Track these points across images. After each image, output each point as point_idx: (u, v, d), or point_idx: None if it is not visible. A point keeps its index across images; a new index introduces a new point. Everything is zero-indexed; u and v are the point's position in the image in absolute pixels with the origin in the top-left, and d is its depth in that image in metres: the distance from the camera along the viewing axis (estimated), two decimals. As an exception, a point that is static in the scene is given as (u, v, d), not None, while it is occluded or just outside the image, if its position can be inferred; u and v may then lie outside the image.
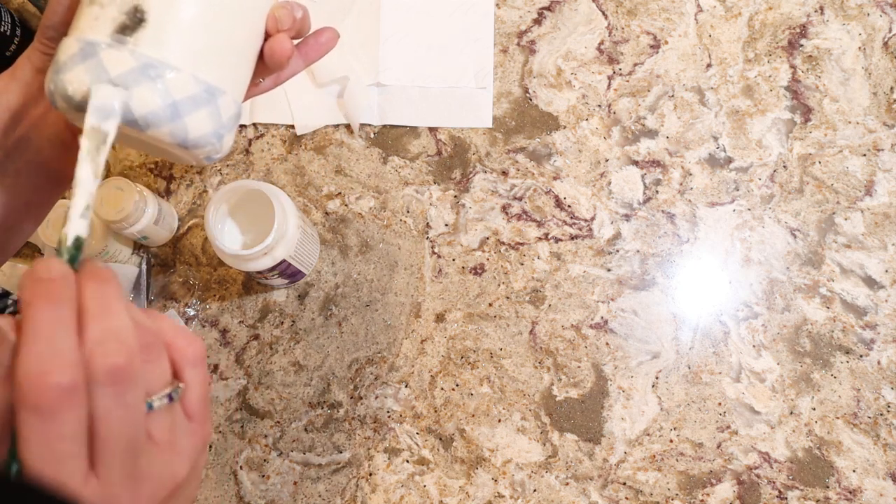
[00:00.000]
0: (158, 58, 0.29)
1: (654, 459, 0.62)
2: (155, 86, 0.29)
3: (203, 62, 0.30)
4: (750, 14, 0.71)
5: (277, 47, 0.34)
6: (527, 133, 0.70)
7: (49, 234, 0.60)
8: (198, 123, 0.31)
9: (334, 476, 0.64)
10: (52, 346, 0.23)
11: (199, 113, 0.31)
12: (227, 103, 0.32)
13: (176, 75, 0.30)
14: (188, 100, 0.30)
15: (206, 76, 0.31)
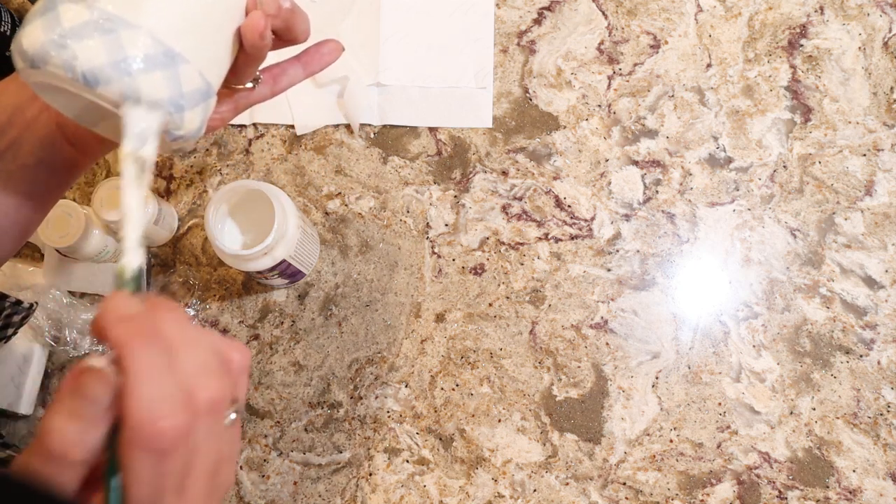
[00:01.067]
0: (116, 13, 0.28)
1: (654, 459, 0.62)
2: (107, 39, 0.27)
3: (165, 24, 0.29)
4: (750, 14, 0.71)
5: (249, 23, 0.32)
6: (527, 133, 0.70)
7: (49, 235, 0.60)
8: (152, 85, 0.28)
9: (334, 476, 0.64)
10: (159, 389, 0.24)
11: (153, 74, 0.28)
12: (190, 73, 0.30)
13: (132, 32, 0.28)
14: (142, 58, 0.28)
15: (167, 39, 0.29)
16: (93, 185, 0.72)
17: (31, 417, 0.67)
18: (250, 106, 0.41)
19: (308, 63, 0.40)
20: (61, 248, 0.61)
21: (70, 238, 0.60)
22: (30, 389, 0.66)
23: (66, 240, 0.60)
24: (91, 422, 0.24)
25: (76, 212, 0.61)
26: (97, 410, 0.24)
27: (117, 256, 0.66)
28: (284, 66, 0.41)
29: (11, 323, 0.57)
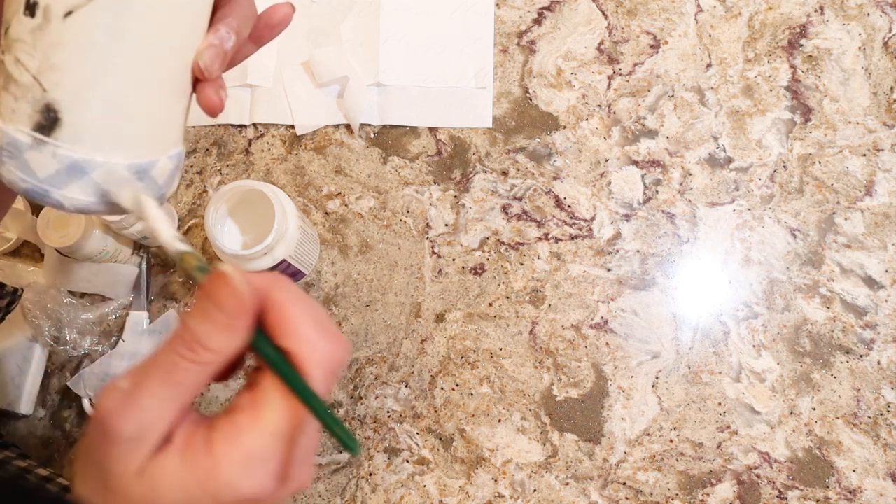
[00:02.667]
0: (80, 157, 0.29)
1: (654, 459, 0.62)
2: (82, 183, 0.29)
3: (127, 146, 0.30)
4: (750, 14, 0.71)
5: (206, 103, 0.32)
6: (527, 133, 0.70)
7: (49, 235, 0.60)
8: (133, 200, 0.30)
9: (334, 476, 0.64)
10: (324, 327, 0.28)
11: (131, 190, 0.30)
12: (162, 168, 0.32)
13: (101, 169, 0.29)
14: (118, 183, 0.30)
15: (134, 158, 0.30)
16: (93, 185, 0.72)
17: (31, 417, 0.67)
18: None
19: (259, 38, 0.39)
20: (61, 248, 0.61)
21: (70, 238, 0.60)
22: (29, 389, 0.66)
23: (66, 240, 0.60)
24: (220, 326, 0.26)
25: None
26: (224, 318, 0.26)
27: (116, 256, 0.66)
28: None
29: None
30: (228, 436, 0.26)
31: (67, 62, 0.28)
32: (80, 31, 0.27)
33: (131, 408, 0.26)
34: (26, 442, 0.66)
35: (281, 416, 0.26)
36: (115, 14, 0.28)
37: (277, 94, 0.72)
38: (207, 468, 0.26)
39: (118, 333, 0.67)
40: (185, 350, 0.26)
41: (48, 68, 0.28)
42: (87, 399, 0.66)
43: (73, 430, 0.66)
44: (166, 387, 0.26)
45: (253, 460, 0.26)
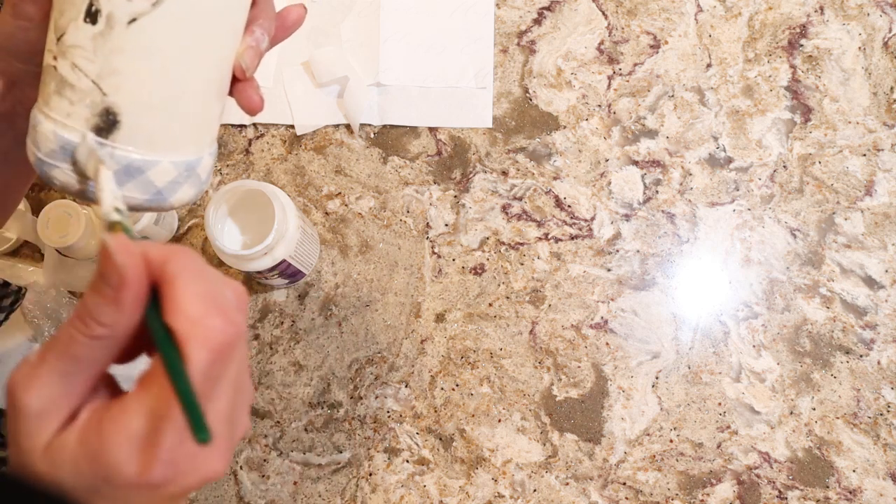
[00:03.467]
0: (138, 157, 0.30)
1: (654, 459, 0.62)
2: (138, 182, 0.31)
3: (180, 146, 0.31)
4: (750, 14, 0.71)
5: (247, 103, 0.34)
6: (527, 133, 0.70)
7: (49, 235, 0.60)
8: (182, 196, 0.33)
9: (334, 476, 0.64)
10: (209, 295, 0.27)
11: (182, 189, 0.32)
12: (206, 164, 0.33)
13: (156, 168, 0.31)
14: (171, 184, 0.32)
15: (184, 156, 0.32)
16: (93, 185, 0.72)
17: (31, 417, 0.67)
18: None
19: (273, 39, 0.39)
20: (61, 248, 0.61)
21: (70, 238, 0.60)
22: (30, 389, 0.66)
23: (66, 240, 0.60)
24: (109, 300, 0.25)
25: (76, 212, 0.61)
26: (111, 292, 0.25)
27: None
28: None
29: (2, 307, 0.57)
30: (115, 415, 0.25)
31: (129, 67, 0.29)
32: (143, 38, 0.29)
33: (34, 382, 0.25)
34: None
35: (158, 397, 0.25)
36: (176, 20, 0.29)
37: (277, 94, 0.72)
38: (96, 448, 0.25)
39: (118, 333, 0.67)
40: (79, 324, 0.25)
41: (109, 73, 0.29)
42: (87, 399, 0.66)
43: (73, 430, 0.66)
44: (64, 361, 0.25)
45: (136, 442, 0.25)
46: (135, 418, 0.25)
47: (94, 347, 0.25)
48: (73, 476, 0.25)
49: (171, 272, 0.25)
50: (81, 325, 0.25)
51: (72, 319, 0.26)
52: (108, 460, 0.24)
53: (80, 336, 0.25)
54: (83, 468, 0.25)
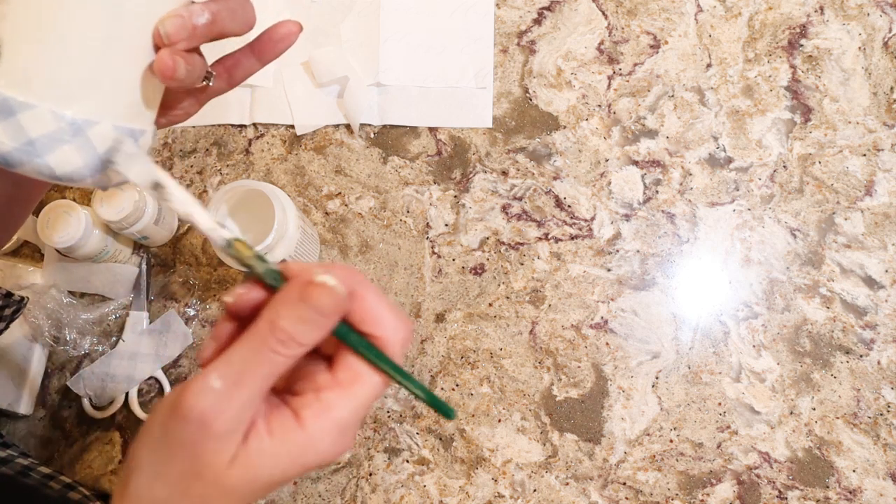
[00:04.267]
0: (10, 94, 0.28)
1: (654, 459, 0.62)
2: (7, 126, 0.28)
3: (69, 97, 0.29)
4: (750, 14, 0.71)
5: (158, 66, 0.31)
6: (527, 133, 0.70)
7: (49, 235, 0.60)
8: (64, 160, 0.29)
9: (334, 476, 0.64)
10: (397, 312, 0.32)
11: (63, 150, 0.29)
12: (104, 133, 0.30)
13: (31, 113, 0.28)
14: (48, 139, 0.28)
15: (73, 112, 0.29)
16: (93, 185, 0.72)
17: (31, 417, 0.67)
18: (212, 98, 0.40)
19: (262, 53, 0.39)
20: (61, 248, 0.61)
21: (70, 238, 0.60)
22: (30, 389, 0.66)
23: (66, 240, 0.60)
24: (315, 325, 0.29)
25: (76, 212, 0.61)
26: (321, 318, 0.29)
27: (116, 256, 0.66)
28: (237, 56, 0.39)
29: (2, 317, 0.57)
30: (318, 412, 0.29)
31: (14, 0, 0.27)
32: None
33: (229, 406, 0.28)
34: (26, 442, 0.66)
35: (372, 391, 0.30)
36: None
37: (277, 94, 0.72)
38: (302, 443, 0.29)
39: (118, 333, 0.67)
40: (282, 347, 0.29)
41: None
42: (86, 399, 0.66)
43: (72, 429, 0.66)
44: (264, 382, 0.29)
45: (343, 430, 0.30)
46: (343, 411, 0.30)
47: (289, 364, 0.29)
48: (272, 471, 0.29)
49: (361, 292, 0.31)
50: (283, 347, 0.29)
51: (267, 344, 0.29)
52: (318, 448, 0.29)
53: (283, 358, 0.29)
54: (284, 463, 0.29)
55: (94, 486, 0.65)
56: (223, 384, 0.28)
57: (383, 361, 0.30)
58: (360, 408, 0.30)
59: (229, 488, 0.29)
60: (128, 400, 0.66)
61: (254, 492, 0.30)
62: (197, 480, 0.29)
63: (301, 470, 0.30)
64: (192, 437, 0.28)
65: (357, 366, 0.30)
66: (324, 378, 0.30)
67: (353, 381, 0.30)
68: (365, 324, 0.30)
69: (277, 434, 0.29)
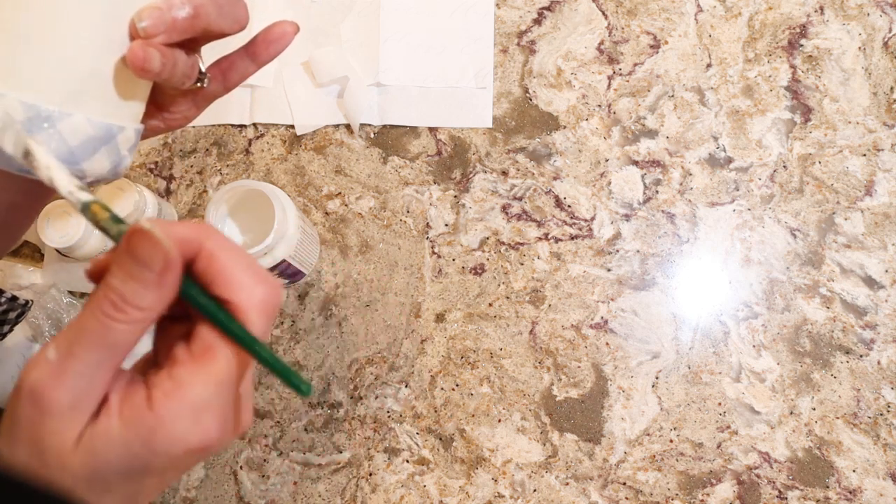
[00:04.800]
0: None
1: (654, 459, 0.62)
2: None
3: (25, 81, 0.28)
4: (750, 14, 0.71)
5: (129, 58, 0.30)
6: (527, 133, 0.70)
7: (49, 235, 0.60)
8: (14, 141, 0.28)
9: (334, 476, 0.64)
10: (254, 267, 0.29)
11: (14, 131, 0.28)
12: (75, 126, 0.29)
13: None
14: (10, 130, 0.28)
15: (37, 100, 0.28)
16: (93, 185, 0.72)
17: (31, 417, 0.67)
18: (211, 102, 0.39)
19: (256, 54, 0.38)
20: (61, 248, 0.61)
21: (70, 238, 0.60)
22: (30, 389, 0.66)
23: (66, 240, 0.60)
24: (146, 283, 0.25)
25: (76, 212, 0.61)
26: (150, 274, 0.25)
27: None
28: (233, 58, 0.38)
29: (7, 320, 0.57)
30: (169, 391, 0.26)
31: None
32: None
33: (64, 378, 0.25)
34: (26, 442, 0.66)
35: (226, 365, 0.26)
36: None
37: (277, 94, 0.72)
38: (151, 425, 0.25)
39: (118, 333, 0.67)
40: (114, 311, 0.25)
41: None
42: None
43: (73, 430, 0.66)
44: (99, 351, 0.25)
45: (199, 411, 0.26)
46: (196, 389, 0.26)
47: (132, 332, 0.26)
48: (120, 458, 0.26)
49: (210, 248, 0.27)
50: (117, 312, 0.25)
51: (101, 308, 0.25)
52: (170, 432, 0.25)
53: (118, 323, 0.25)
54: (135, 447, 0.25)
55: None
56: (57, 355, 0.25)
57: (235, 330, 0.26)
58: (217, 384, 0.26)
59: (77, 474, 0.26)
60: (128, 400, 0.66)
61: (107, 481, 0.26)
62: (42, 467, 0.26)
63: (158, 458, 0.26)
64: (29, 415, 0.25)
65: (209, 336, 0.26)
66: (180, 352, 0.27)
67: (204, 353, 0.26)
68: (216, 286, 0.26)
69: (126, 415, 0.26)
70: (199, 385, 0.26)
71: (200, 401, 0.26)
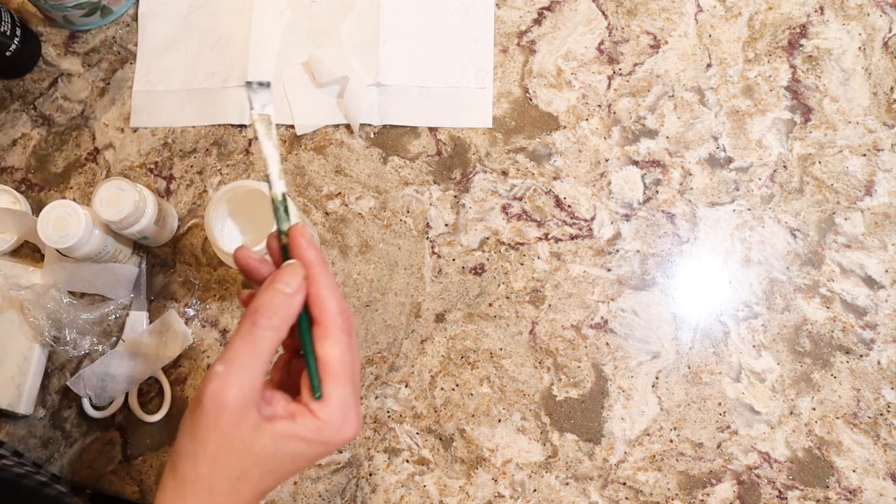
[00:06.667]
0: None
1: (654, 459, 0.62)
2: None
3: None
4: (750, 14, 0.71)
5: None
6: (527, 133, 0.70)
7: (49, 235, 0.60)
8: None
9: (334, 476, 0.64)
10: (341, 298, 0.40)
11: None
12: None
13: None
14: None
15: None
16: (93, 185, 0.72)
17: (31, 417, 0.67)
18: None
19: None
20: (61, 248, 0.61)
21: (70, 238, 0.60)
22: (29, 389, 0.66)
23: (66, 240, 0.60)
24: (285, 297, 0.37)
25: (76, 212, 0.61)
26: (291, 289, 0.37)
27: (116, 256, 0.66)
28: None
29: None
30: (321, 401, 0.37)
31: None
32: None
33: (234, 381, 0.35)
34: (26, 442, 0.66)
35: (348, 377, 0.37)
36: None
37: (277, 94, 0.72)
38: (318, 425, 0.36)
39: (118, 333, 0.67)
40: (262, 319, 0.36)
41: None
42: (86, 399, 0.66)
43: (72, 429, 0.66)
44: (252, 356, 0.35)
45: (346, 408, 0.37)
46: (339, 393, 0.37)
47: (273, 340, 0.36)
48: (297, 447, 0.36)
49: (315, 272, 0.38)
50: (265, 319, 0.36)
51: (252, 320, 0.36)
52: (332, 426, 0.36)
53: (264, 330, 0.36)
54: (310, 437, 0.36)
55: (95, 487, 0.65)
56: (225, 367, 0.35)
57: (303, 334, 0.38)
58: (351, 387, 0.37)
59: (260, 452, 0.35)
60: (128, 400, 0.66)
61: (282, 462, 0.36)
62: (230, 454, 0.35)
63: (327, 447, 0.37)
64: (213, 418, 0.34)
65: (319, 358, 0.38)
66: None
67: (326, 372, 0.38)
68: (312, 306, 0.38)
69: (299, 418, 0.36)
70: (337, 392, 0.37)
71: (343, 404, 0.37)
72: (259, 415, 0.35)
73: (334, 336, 0.37)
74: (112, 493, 0.65)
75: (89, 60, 0.75)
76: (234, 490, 0.36)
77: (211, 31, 0.74)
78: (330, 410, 0.36)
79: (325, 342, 0.37)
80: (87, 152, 0.73)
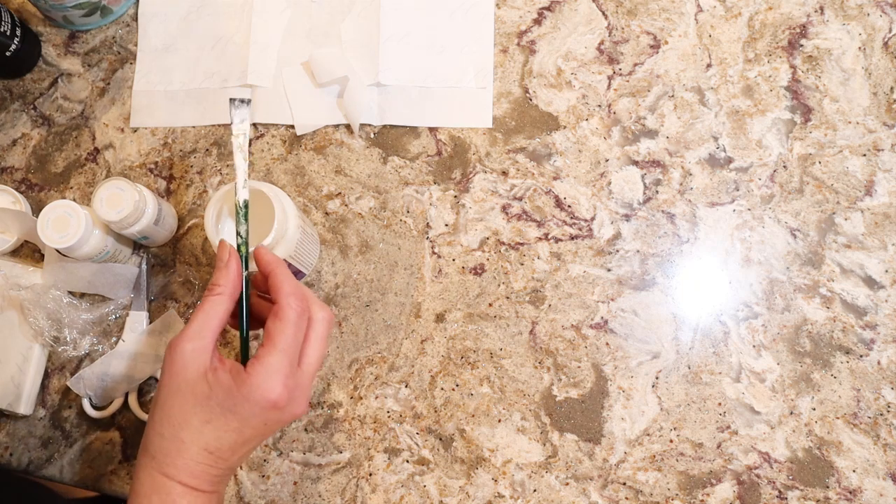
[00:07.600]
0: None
1: (654, 459, 0.62)
2: None
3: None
4: (750, 14, 0.71)
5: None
6: (527, 133, 0.70)
7: (49, 235, 0.60)
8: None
9: (334, 476, 0.64)
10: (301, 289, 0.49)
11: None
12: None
13: None
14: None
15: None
16: (93, 185, 0.72)
17: (31, 417, 0.67)
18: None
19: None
20: (61, 248, 0.61)
21: (70, 238, 0.60)
22: (29, 389, 0.66)
23: (66, 240, 0.60)
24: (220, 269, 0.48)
25: (76, 212, 0.61)
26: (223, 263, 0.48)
27: (116, 256, 0.66)
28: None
29: None
30: (255, 361, 0.44)
31: None
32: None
33: (188, 334, 0.44)
34: (26, 442, 0.66)
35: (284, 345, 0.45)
36: None
37: (277, 94, 0.72)
38: (244, 378, 0.43)
39: (118, 333, 0.67)
40: (209, 291, 0.46)
41: None
42: (87, 399, 0.66)
43: (72, 430, 0.66)
44: (203, 317, 0.45)
45: (270, 373, 0.43)
46: (269, 359, 0.44)
47: (220, 304, 0.46)
48: (224, 395, 0.43)
49: (273, 268, 0.48)
50: (208, 291, 0.46)
51: (205, 292, 0.46)
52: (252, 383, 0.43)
53: (212, 296, 0.46)
54: (233, 390, 0.43)
55: (95, 487, 0.65)
56: (183, 329, 0.45)
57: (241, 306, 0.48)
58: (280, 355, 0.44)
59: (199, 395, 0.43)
60: (128, 400, 0.66)
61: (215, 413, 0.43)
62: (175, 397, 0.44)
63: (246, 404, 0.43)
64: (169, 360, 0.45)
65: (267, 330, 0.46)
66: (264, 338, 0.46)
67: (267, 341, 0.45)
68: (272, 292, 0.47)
69: (232, 371, 0.44)
70: (268, 357, 0.44)
71: (270, 367, 0.43)
72: (209, 366, 0.44)
73: (282, 312, 0.45)
74: (112, 493, 0.65)
75: (89, 60, 0.75)
76: (176, 437, 0.43)
77: (211, 31, 0.74)
78: (257, 369, 0.43)
79: (273, 317, 0.45)
80: (87, 152, 0.73)
